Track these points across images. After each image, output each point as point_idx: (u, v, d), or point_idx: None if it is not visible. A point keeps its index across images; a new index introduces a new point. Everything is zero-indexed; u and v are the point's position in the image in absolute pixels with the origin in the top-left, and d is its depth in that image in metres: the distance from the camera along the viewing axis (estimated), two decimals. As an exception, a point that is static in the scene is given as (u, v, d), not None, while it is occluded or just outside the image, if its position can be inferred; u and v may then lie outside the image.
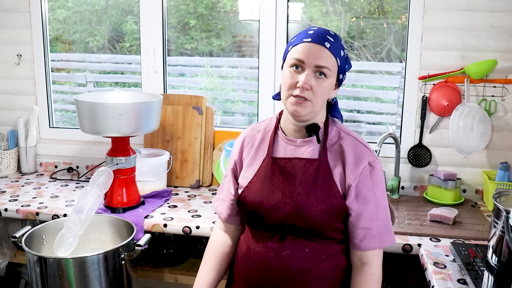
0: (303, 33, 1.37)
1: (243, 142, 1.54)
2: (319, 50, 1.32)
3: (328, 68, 1.32)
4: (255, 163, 1.47)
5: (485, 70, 2.19)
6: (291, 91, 1.34)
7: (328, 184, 1.37)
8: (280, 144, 1.46)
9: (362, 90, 3.21)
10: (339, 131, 1.44)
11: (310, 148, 1.41)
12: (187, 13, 2.95)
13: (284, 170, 1.42)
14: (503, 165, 2.15)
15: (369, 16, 2.79)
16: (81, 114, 2.02)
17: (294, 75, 1.34)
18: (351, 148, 1.40)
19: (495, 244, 1.56)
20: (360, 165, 1.37)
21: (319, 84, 1.33)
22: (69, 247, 1.68)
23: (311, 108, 1.34)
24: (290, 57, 1.35)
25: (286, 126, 1.46)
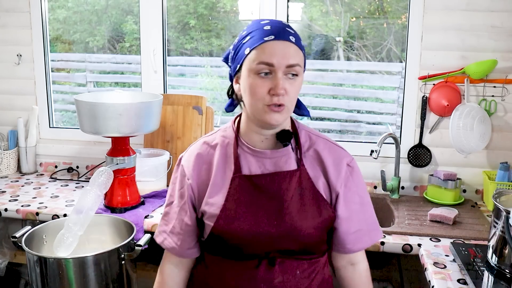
0: (259, 31, 1.18)
1: (196, 161, 1.29)
2: (287, 48, 1.16)
3: (299, 66, 1.17)
4: (221, 185, 1.25)
5: (485, 70, 2.19)
6: (264, 101, 1.16)
7: (315, 196, 1.25)
8: (247, 159, 1.26)
9: (362, 90, 3.21)
10: (309, 134, 1.31)
11: (284, 158, 1.25)
12: (187, 13, 2.95)
13: (263, 189, 1.23)
14: (503, 165, 2.15)
15: (369, 16, 2.79)
16: (81, 114, 2.02)
17: (263, 82, 1.15)
18: (326, 152, 1.28)
19: (495, 244, 1.56)
20: (340, 169, 1.27)
21: (293, 85, 1.18)
22: (69, 247, 1.68)
23: (287, 114, 1.20)
24: (254, 62, 1.15)
25: (250, 137, 1.27)
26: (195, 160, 1.30)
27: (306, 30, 2.81)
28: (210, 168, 1.28)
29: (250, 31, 1.19)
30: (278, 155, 1.25)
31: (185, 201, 1.30)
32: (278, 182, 1.23)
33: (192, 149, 1.33)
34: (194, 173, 1.29)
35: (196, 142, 1.35)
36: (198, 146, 1.33)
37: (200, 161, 1.29)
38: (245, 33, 1.21)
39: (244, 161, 1.26)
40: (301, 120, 2.48)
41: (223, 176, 1.26)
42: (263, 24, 1.19)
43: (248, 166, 1.25)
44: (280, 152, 1.25)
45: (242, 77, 1.20)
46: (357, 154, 2.39)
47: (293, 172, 1.24)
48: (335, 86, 3.32)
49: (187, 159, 1.32)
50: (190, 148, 1.34)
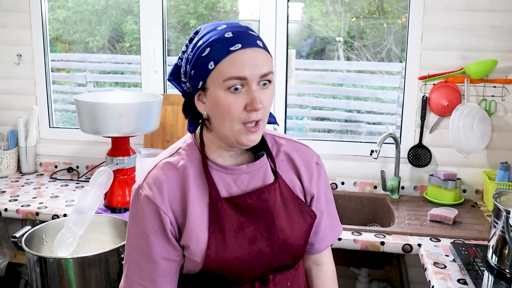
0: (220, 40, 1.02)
1: (167, 189, 1.08)
2: (257, 55, 1.01)
3: (272, 72, 1.04)
4: (199, 214, 1.08)
5: (485, 70, 2.19)
6: (240, 120, 1.02)
7: (296, 202, 1.17)
8: (222, 179, 1.11)
9: (362, 90, 3.21)
10: (274, 138, 1.21)
11: (262, 171, 1.14)
12: (187, 13, 2.95)
13: (248, 209, 1.10)
14: (503, 165, 2.15)
15: (369, 16, 2.79)
16: (81, 114, 2.02)
17: (236, 98, 1.01)
18: (295, 154, 1.20)
19: (495, 244, 1.56)
20: (312, 170, 1.20)
21: (267, 95, 1.04)
22: (69, 247, 1.68)
23: (263, 128, 1.07)
24: (222, 78, 1.00)
25: (216, 153, 1.12)
26: (165, 188, 1.08)
27: (306, 30, 2.81)
28: (184, 194, 1.09)
29: (208, 40, 1.03)
30: (255, 168, 1.13)
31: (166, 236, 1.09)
32: (264, 198, 1.11)
33: (156, 175, 1.10)
34: (168, 203, 1.08)
35: (156, 166, 1.12)
36: (162, 170, 1.10)
37: (170, 188, 1.09)
38: (201, 44, 1.03)
39: (220, 182, 1.10)
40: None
41: (200, 203, 1.09)
42: (221, 30, 1.03)
43: (225, 187, 1.10)
44: (256, 165, 1.13)
45: (208, 96, 1.04)
46: (357, 154, 2.39)
47: (274, 184, 1.13)
48: (335, 86, 3.32)
49: (153, 188, 1.09)
50: (149, 174, 1.11)
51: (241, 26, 1.05)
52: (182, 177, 1.10)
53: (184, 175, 1.10)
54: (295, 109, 3.34)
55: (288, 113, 2.56)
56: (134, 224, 1.11)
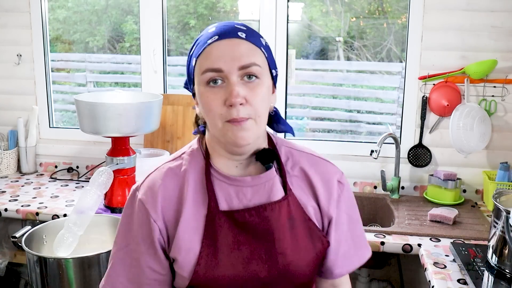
0: (204, 36, 0.99)
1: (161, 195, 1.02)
2: (235, 46, 0.95)
3: (257, 65, 0.95)
4: (194, 225, 1.00)
5: (485, 70, 2.19)
6: (221, 117, 0.95)
7: (306, 225, 1.04)
8: (224, 190, 1.02)
9: (362, 90, 3.21)
10: (290, 150, 1.09)
11: (269, 185, 1.02)
12: (187, 13, 2.95)
13: (248, 227, 1.00)
14: (503, 165, 2.15)
15: (369, 16, 2.79)
16: (81, 114, 2.02)
17: (215, 93, 0.94)
18: (313, 170, 1.08)
19: (495, 244, 1.56)
20: (331, 189, 1.07)
21: (253, 90, 0.95)
22: (69, 247, 1.68)
23: (257, 128, 0.96)
24: (200, 71, 0.96)
25: (221, 162, 1.03)
26: (160, 194, 1.02)
27: (306, 30, 2.81)
28: (180, 203, 1.01)
29: (198, 37, 1.00)
30: (261, 181, 1.02)
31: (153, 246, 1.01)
32: (266, 216, 1.00)
33: (153, 179, 1.04)
34: (160, 211, 1.01)
35: (157, 169, 1.06)
36: (160, 175, 1.04)
37: (166, 195, 1.02)
38: (194, 42, 1.01)
39: (221, 193, 1.01)
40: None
41: (196, 214, 1.00)
42: (210, 27, 1.00)
43: (226, 199, 1.01)
44: (263, 178, 1.02)
45: (196, 95, 1.00)
46: (357, 154, 2.39)
47: (281, 201, 1.01)
48: (335, 86, 3.32)
49: (148, 192, 1.03)
50: (149, 177, 1.05)
51: (229, 22, 0.99)
52: (181, 184, 1.02)
53: (183, 182, 1.03)
54: (295, 109, 3.34)
55: (288, 113, 2.56)
56: (126, 225, 1.05)
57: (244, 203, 1.01)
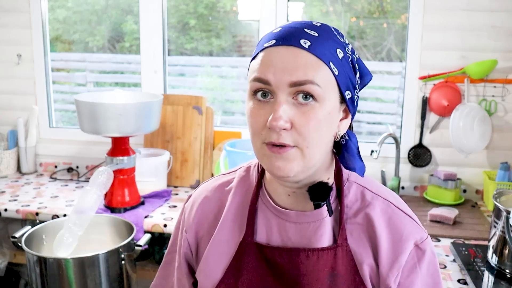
0: (268, 35, 0.82)
1: (200, 207, 0.95)
2: (292, 55, 0.76)
3: (315, 83, 0.76)
4: (224, 249, 0.89)
5: (485, 70, 2.19)
6: (261, 138, 0.79)
7: (355, 287, 0.83)
8: (267, 219, 0.88)
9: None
10: (363, 190, 0.88)
11: (313, 226, 0.84)
12: (187, 13, 2.95)
13: (276, 267, 0.85)
14: (503, 165, 2.15)
15: (369, 16, 2.79)
16: (81, 114, 2.02)
17: (259, 108, 0.79)
18: (385, 220, 0.85)
19: (495, 244, 1.56)
20: (402, 251, 0.83)
21: (305, 115, 0.77)
22: (69, 247, 1.68)
23: (302, 161, 0.78)
24: (250, 77, 0.81)
25: (273, 187, 0.89)
26: (200, 206, 0.95)
27: (306, 30, 2.80)
28: (217, 221, 0.92)
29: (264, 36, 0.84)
30: (306, 219, 0.85)
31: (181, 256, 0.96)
32: (298, 263, 0.83)
33: (202, 189, 0.98)
34: (194, 224, 0.94)
35: (210, 180, 0.99)
36: (209, 186, 0.97)
37: (205, 209, 0.94)
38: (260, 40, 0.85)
39: (263, 222, 0.88)
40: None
41: (230, 239, 0.89)
42: (279, 27, 0.83)
43: (267, 231, 0.87)
44: (308, 216, 0.85)
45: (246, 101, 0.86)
46: (357, 154, 2.39)
47: (325, 251, 0.83)
48: (335, 86, 3.31)
49: (192, 202, 0.98)
50: (201, 186, 1.00)
51: (297, 22, 0.81)
52: (222, 202, 0.93)
53: (225, 200, 0.92)
54: (295, 109, 3.34)
55: (288, 113, 2.55)
56: (175, 229, 1.01)
57: (284, 240, 0.86)
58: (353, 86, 0.83)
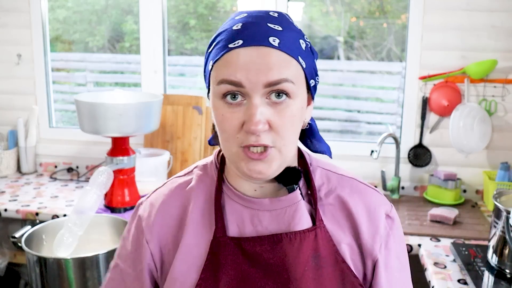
0: (227, 32, 0.78)
1: (160, 214, 0.88)
2: (264, 55, 0.75)
3: (289, 81, 0.76)
4: (195, 252, 0.84)
5: (485, 70, 2.19)
6: (237, 141, 0.77)
7: (338, 267, 0.83)
8: (237, 212, 0.85)
9: (362, 90, 3.21)
10: (327, 173, 0.90)
11: (291, 211, 0.83)
12: (187, 13, 2.95)
13: (257, 259, 0.81)
14: (503, 165, 2.15)
15: (369, 16, 2.79)
16: (81, 114, 2.02)
17: (232, 111, 0.77)
18: (356, 198, 0.87)
19: (495, 244, 1.56)
20: (378, 222, 0.86)
21: (281, 113, 0.76)
22: (69, 247, 1.68)
23: (279, 159, 0.78)
24: (216, 80, 0.78)
25: (238, 183, 0.86)
26: (158, 212, 0.88)
27: (306, 30, 2.81)
28: (181, 226, 0.86)
29: (220, 32, 0.80)
30: (281, 205, 0.83)
31: (141, 272, 0.88)
32: (281, 249, 0.81)
33: (158, 195, 0.91)
34: (156, 232, 0.87)
35: (165, 184, 0.93)
36: (166, 190, 0.91)
37: (166, 214, 0.88)
38: (214, 37, 0.81)
39: (232, 216, 0.85)
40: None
41: (200, 240, 0.85)
42: (236, 21, 0.79)
43: (238, 224, 0.84)
44: (283, 201, 0.83)
45: (211, 104, 0.81)
46: (357, 154, 2.39)
47: (306, 233, 0.82)
48: (335, 86, 3.32)
49: (148, 209, 0.90)
50: (155, 192, 0.93)
51: (258, 17, 0.78)
52: (185, 203, 0.88)
53: (188, 201, 0.88)
54: (295, 109, 3.34)
55: (288, 113, 2.55)
56: (123, 241, 0.93)
57: (259, 230, 0.83)
58: (315, 73, 0.84)
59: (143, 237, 0.88)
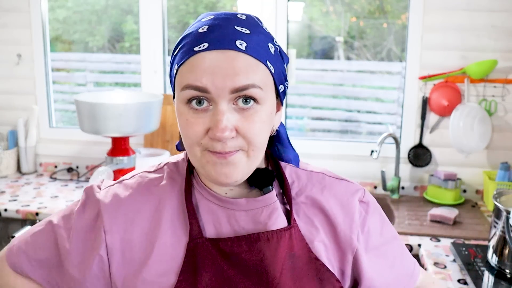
0: (193, 35, 0.76)
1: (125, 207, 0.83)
2: (231, 60, 0.73)
3: (257, 86, 0.74)
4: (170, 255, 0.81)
5: (485, 70, 2.19)
6: (201, 146, 0.76)
7: (313, 266, 0.83)
8: (212, 212, 0.83)
9: (362, 90, 3.21)
10: (296, 171, 0.90)
11: (266, 211, 0.82)
12: (187, 13, 2.95)
13: (235, 259, 0.80)
14: (503, 165, 2.15)
15: (369, 16, 2.79)
16: (81, 114, 2.02)
17: (196, 117, 0.75)
18: (325, 193, 0.87)
19: (495, 244, 1.56)
20: (352, 212, 0.87)
21: (248, 119, 0.74)
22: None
23: (247, 163, 0.77)
24: (180, 85, 0.75)
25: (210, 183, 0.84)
26: (125, 207, 0.83)
27: (306, 30, 2.81)
28: (156, 225, 0.82)
29: (186, 34, 0.78)
30: (258, 205, 0.82)
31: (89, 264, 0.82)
32: (258, 248, 0.80)
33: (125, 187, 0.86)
34: (119, 226, 0.82)
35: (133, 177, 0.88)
36: (134, 184, 0.86)
37: (134, 210, 0.83)
38: (180, 39, 0.79)
39: (208, 216, 0.82)
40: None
41: (176, 239, 0.81)
42: (202, 23, 0.77)
43: (215, 224, 0.82)
44: (260, 202, 0.82)
45: (175, 109, 0.80)
46: (357, 154, 2.39)
47: (282, 232, 0.81)
48: (335, 86, 3.33)
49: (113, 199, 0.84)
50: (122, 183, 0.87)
51: (224, 19, 0.77)
52: (157, 202, 0.84)
53: (161, 200, 0.83)
54: (295, 109, 3.35)
55: (288, 113, 2.56)
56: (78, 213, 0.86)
57: (236, 230, 0.81)
58: (284, 78, 0.82)
59: (101, 226, 0.82)
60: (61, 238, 0.85)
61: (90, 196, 0.86)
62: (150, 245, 0.81)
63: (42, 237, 0.87)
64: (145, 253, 0.81)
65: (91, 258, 0.82)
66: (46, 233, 0.87)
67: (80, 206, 0.86)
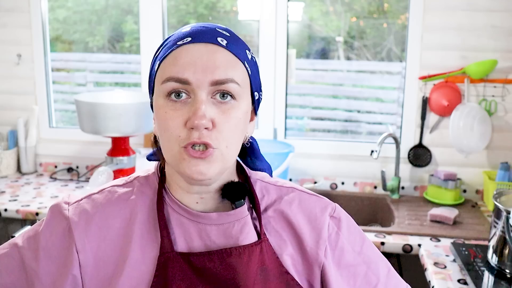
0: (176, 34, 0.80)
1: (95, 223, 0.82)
2: (212, 53, 0.76)
3: (235, 82, 0.76)
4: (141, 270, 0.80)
5: (485, 70, 2.19)
6: (179, 141, 0.75)
7: (283, 279, 0.83)
8: (183, 226, 0.82)
9: (362, 90, 3.21)
10: (266, 185, 0.90)
11: (237, 225, 0.82)
12: (187, 13, 2.95)
13: (207, 274, 0.79)
14: (503, 165, 2.15)
15: (369, 16, 2.79)
16: (81, 114, 2.02)
17: (175, 109, 0.76)
18: (295, 207, 0.87)
19: (495, 244, 1.56)
20: (321, 228, 0.86)
21: (225, 113, 0.76)
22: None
23: (221, 162, 0.77)
24: (161, 79, 0.77)
25: (180, 196, 0.84)
26: (96, 223, 0.82)
27: (306, 30, 2.81)
28: (127, 240, 0.81)
29: (167, 38, 0.82)
30: (229, 219, 0.82)
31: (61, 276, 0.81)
32: (230, 264, 0.79)
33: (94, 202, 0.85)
34: (92, 244, 0.81)
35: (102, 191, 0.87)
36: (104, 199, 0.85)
37: (105, 226, 0.82)
38: (163, 42, 0.82)
39: (179, 230, 0.82)
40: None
41: (146, 254, 0.81)
42: (185, 27, 0.81)
43: (186, 239, 0.81)
44: (231, 216, 0.82)
45: (154, 108, 0.81)
46: (357, 154, 2.39)
47: (253, 247, 0.81)
48: (335, 86, 3.33)
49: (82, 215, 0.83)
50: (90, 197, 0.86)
51: (211, 24, 0.80)
52: (129, 216, 0.83)
53: (132, 214, 0.83)
54: (295, 109, 3.35)
55: (288, 113, 2.56)
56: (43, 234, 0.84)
57: (207, 245, 0.81)
58: (260, 88, 0.85)
59: (73, 244, 0.81)
60: (29, 260, 0.83)
61: (57, 214, 0.85)
62: (122, 261, 0.81)
63: (6, 260, 0.85)
64: (117, 269, 0.81)
65: (63, 278, 0.80)
66: (11, 256, 0.85)
67: (45, 225, 0.85)
